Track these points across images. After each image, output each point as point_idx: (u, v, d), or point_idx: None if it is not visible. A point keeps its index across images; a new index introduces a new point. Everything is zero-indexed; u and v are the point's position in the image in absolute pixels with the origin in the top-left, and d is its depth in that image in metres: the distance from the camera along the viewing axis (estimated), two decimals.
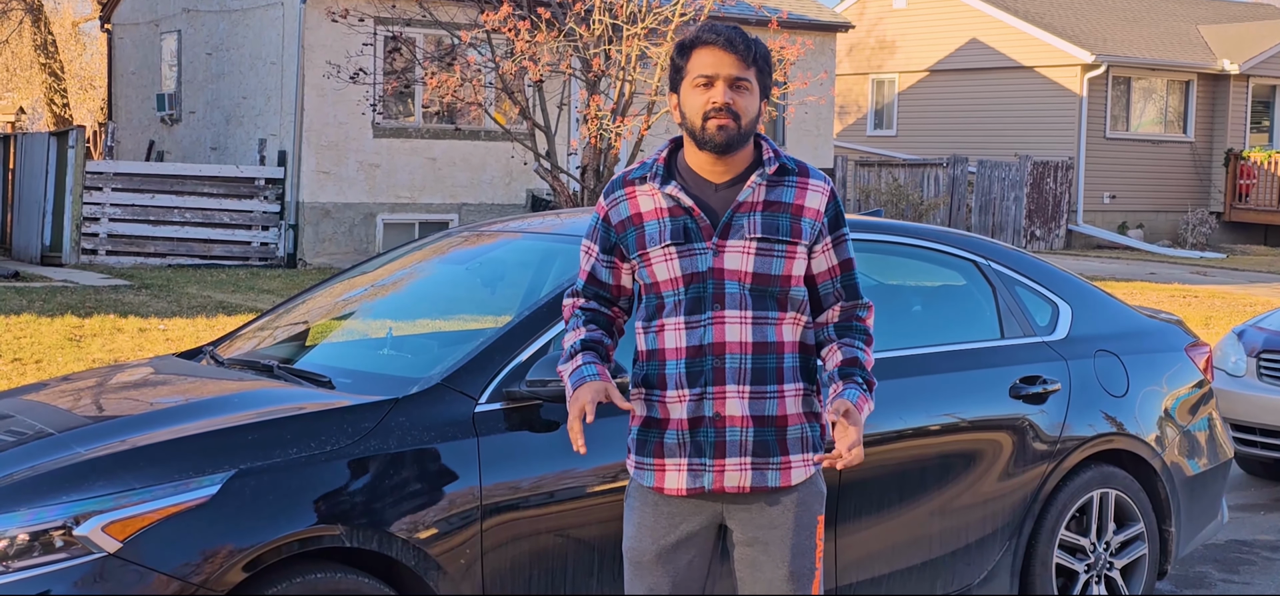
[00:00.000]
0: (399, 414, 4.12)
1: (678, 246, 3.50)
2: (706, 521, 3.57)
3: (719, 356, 3.48)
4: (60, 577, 3.64)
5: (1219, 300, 17.37)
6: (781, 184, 3.53)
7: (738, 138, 3.47)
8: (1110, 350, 5.62)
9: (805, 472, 3.55)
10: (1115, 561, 5.54)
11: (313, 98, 18.49)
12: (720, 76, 3.46)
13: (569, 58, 15.27)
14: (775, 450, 3.51)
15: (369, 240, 18.98)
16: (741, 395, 3.49)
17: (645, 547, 3.58)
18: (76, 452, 3.95)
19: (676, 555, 3.57)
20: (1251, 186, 27.79)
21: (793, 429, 3.53)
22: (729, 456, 3.50)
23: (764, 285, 3.48)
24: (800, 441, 3.54)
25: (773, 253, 3.48)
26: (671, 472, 3.54)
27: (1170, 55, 27.60)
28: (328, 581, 3.88)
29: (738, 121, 3.46)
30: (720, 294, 3.48)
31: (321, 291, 5.63)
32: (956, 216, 24.97)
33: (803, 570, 3.55)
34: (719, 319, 3.48)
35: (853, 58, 30.40)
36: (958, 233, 5.69)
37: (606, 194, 3.62)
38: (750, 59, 3.48)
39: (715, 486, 3.51)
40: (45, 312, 12.80)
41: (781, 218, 3.50)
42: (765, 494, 3.52)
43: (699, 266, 3.50)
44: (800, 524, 3.54)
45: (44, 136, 19.06)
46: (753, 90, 3.49)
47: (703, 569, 3.62)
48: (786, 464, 3.52)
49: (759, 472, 3.51)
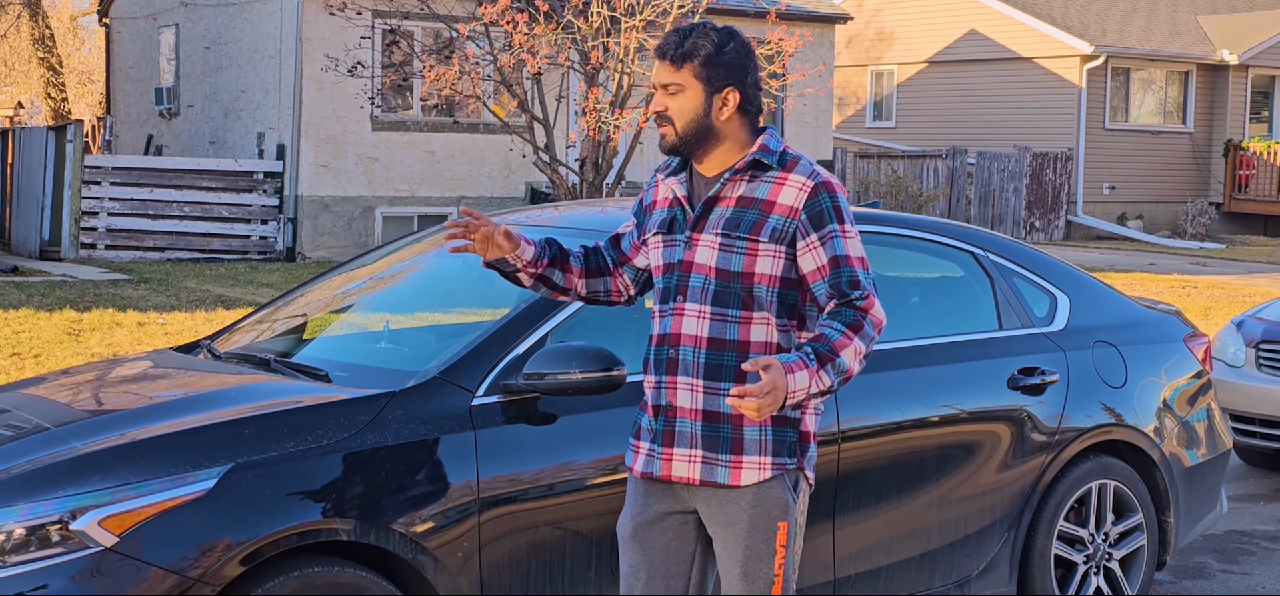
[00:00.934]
0: (396, 407, 4.11)
1: (664, 236, 3.62)
2: (677, 506, 3.61)
3: (675, 347, 3.55)
4: (57, 572, 3.63)
5: (1218, 291, 17.36)
6: (759, 179, 3.54)
7: (678, 141, 3.54)
8: (1109, 341, 5.61)
9: (759, 475, 3.51)
10: (1114, 552, 5.54)
11: (311, 91, 18.48)
12: (658, 84, 3.56)
13: (567, 50, 15.26)
14: (728, 447, 3.51)
15: (368, 233, 18.97)
16: (692, 389, 3.52)
17: (624, 523, 3.69)
18: (73, 447, 3.95)
19: (651, 534, 3.62)
20: (1251, 177, 27.78)
21: (751, 430, 3.50)
22: (677, 446, 3.56)
23: (726, 280, 3.49)
24: (758, 445, 3.51)
25: (733, 249, 3.49)
26: (639, 455, 3.65)
27: (1169, 46, 27.58)
28: (325, 575, 3.87)
29: (672, 125, 3.53)
30: (684, 286, 3.54)
31: (319, 285, 5.62)
32: (956, 208, 24.96)
33: (757, 574, 3.53)
34: (679, 310, 3.54)
35: (851, 49, 30.37)
36: (955, 224, 5.69)
37: (649, 180, 3.79)
38: (679, 60, 3.51)
39: (662, 474, 3.59)
40: (44, 307, 12.79)
41: (748, 213, 3.50)
42: (717, 489, 3.54)
43: (674, 257, 3.58)
44: (755, 526, 3.52)
45: (42, 131, 19.05)
46: (685, 90, 3.52)
47: (685, 556, 3.63)
48: (737, 463, 3.51)
49: (708, 467, 3.53)
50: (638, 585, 3.63)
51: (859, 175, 25.37)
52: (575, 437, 4.28)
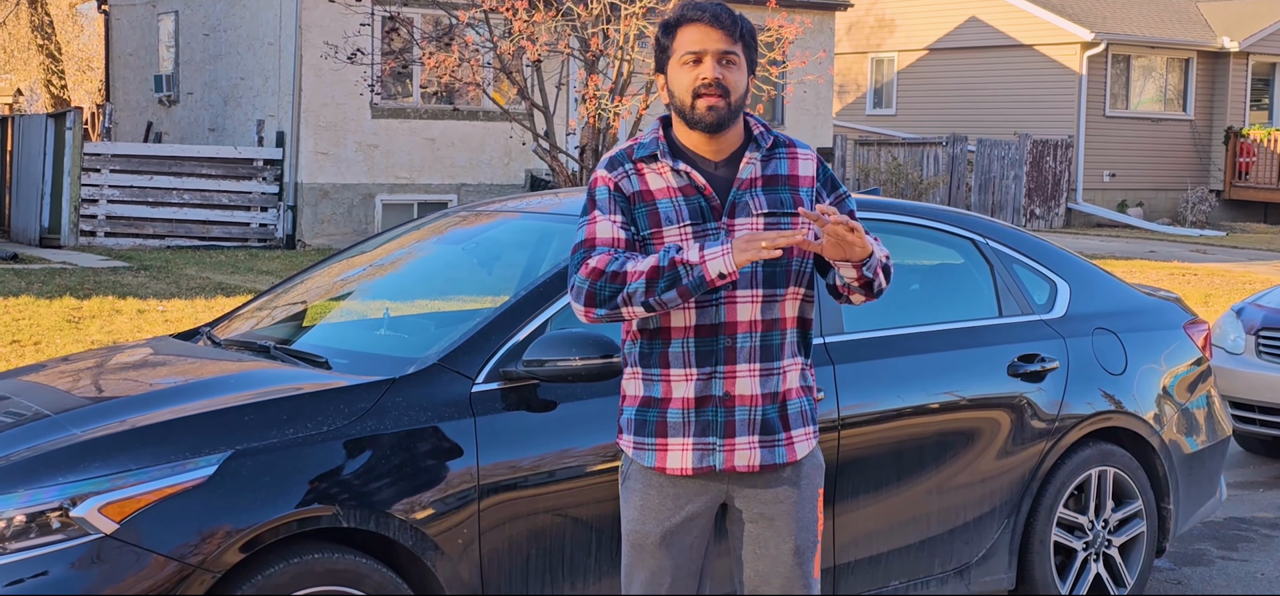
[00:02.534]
0: (396, 394, 4.11)
1: (695, 227, 3.43)
2: (710, 501, 3.55)
3: (731, 336, 3.45)
4: (57, 558, 3.64)
5: (1219, 278, 17.36)
6: (774, 157, 3.52)
7: (728, 115, 3.42)
8: (1108, 328, 5.61)
9: (808, 446, 3.56)
10: (1113, 539, 5.55)
11: (310, 78, 18.46)
12: (708, 52, 3.40)
13: (567, 37, 15.25)
14: (779, 426, 3.50)
15: (368, 221, 18.96)
16: (752, 373, 3.47)
17: (649, 530, 3.52)
18: (73, 434, 3.95)
19: (680, 537, 3.53)
20: (1251, 164, 27.76)
21: (793, 402, 3.53)
22: (738, 435, 3.48)
23: (774, 261, 3.44)
24: (800, 415, 3.54)
25: (780, 225, 3.44)
26: (675, 452, 3.49)
27: (1170, 33, 27.55)
28: (325, 562, 3.88)
29: (727, 98, 3.41)
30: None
31: (319, 272, 5.62)
32: (956, 195, 24.95)
33: (807, 543, 3.55)
34: (730, 299, 3.44)
35: (852, 36, 30.34)
36: (955, 211, 5.68)
37: (610, 167, 3.49)
38: (737, 33, 3.44)
39: (726, 465, 3.49)
40: (44, 294, 12.79)
41: (782, 190, 3.48)
42: (772, 470, 3.52)
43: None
44: (804, 498, 3.54)
45: (42, 118, 19.03)
46: (741, 65, 3.45)
47: (702, 550, 3.60)
48: (790, 439, 3.52)
49: (767, 450, 3.50)
50: (663, 586, 3.54)
51: (859, 162, 25.35)
52: (575, 424, 4.28)
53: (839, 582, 4.83)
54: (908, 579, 5.02)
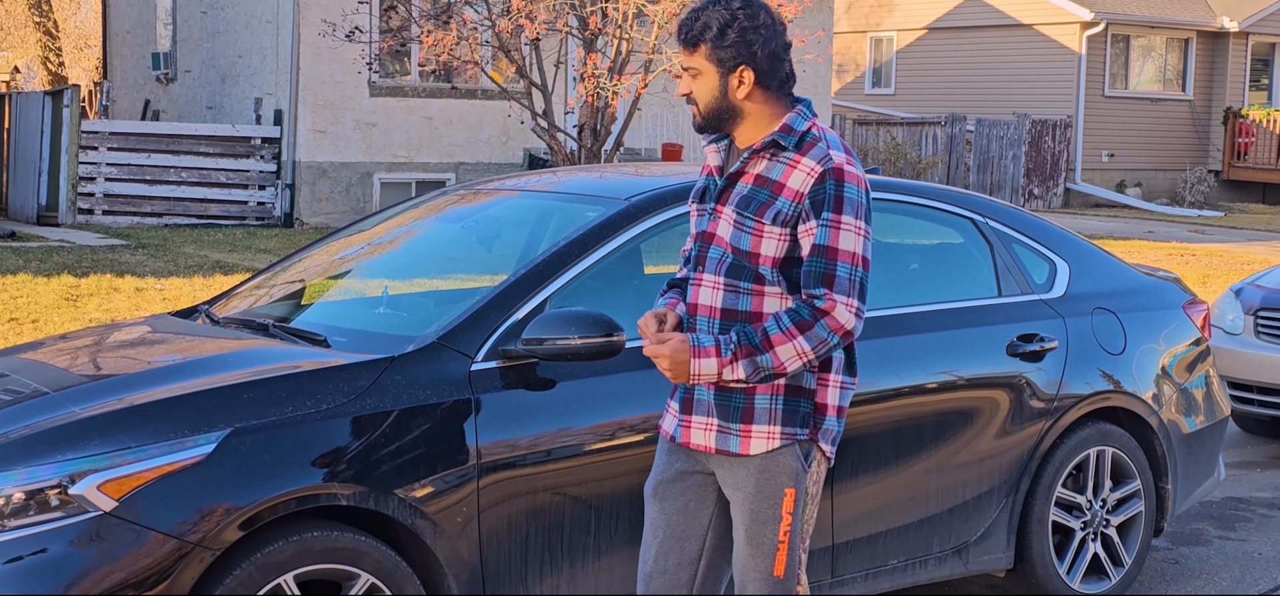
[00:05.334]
0: (395, 372, 4.11)
1: (697, 205, 3.68)
2: (696, 467, 3.67)
3: (693, 316, 3.60)
4: (56, 536, 3.64)
5: (1217, 258, 17.36)
6: (777, 160, 3.53)
7: (704, 122, 3.60)
8: (1108, 308, 5.61)
9: (767, 444, 3.54)
10: (1112, 518, 5.55)
11: (308, 56, 18.42)
12: (682, 67, 3.60)
13: (566, 16, 15.20)
14: (738, 416, 3.55)
15: (366, 199, 18.94)
16: None
17: (650, 481, 3.75)
18: (72, 411, 3.94)
19: (670, 492, 3.69)
20: (1250, 144, 27.74)
21: (761, 398, 3.54)
22: (696, 414, 3.62)
23: (740, 258, 3.53)
24: (769, 413, 3.54)
25: (743, 227, 3.51)
26: (668, 417, 3.73)
27: (1169, 12, 27.51)
28: (324, 540, 3.88)
29: (697, 108, 3.58)
30: (704, 257, 3.59)
31: (317, 250, 5.61)
32: (955, 175, 24.94)
33: (762, 540, 3.57)
34: (699, 280, 3.59)
35: (851, 15, 30.28)
36: (955, 190, 5.67)
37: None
38: (691, 44, 3.53)
39: (683, 440, 3.65)
40: (42, 272, 12.78)
41: (760, 194, 3.51)
42: (729, 457, 3.59)
43: (702, 227, 3.62)
44: (761, 491, 3.56)
45: (39, 96, 18.99)
46: (704, 73, 3.54)
47: (702, 518, 3.68)
48: (747, 432, 3.55)
49: (722, 435, 3.59)
50: (654, 542, 3.71)
51: (858, 142, 25.32)
52: (574, 403, 4.28)
53: (837, 561, 4.83)
54: (906, 557, 5.02)
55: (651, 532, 3.72)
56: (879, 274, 5.49)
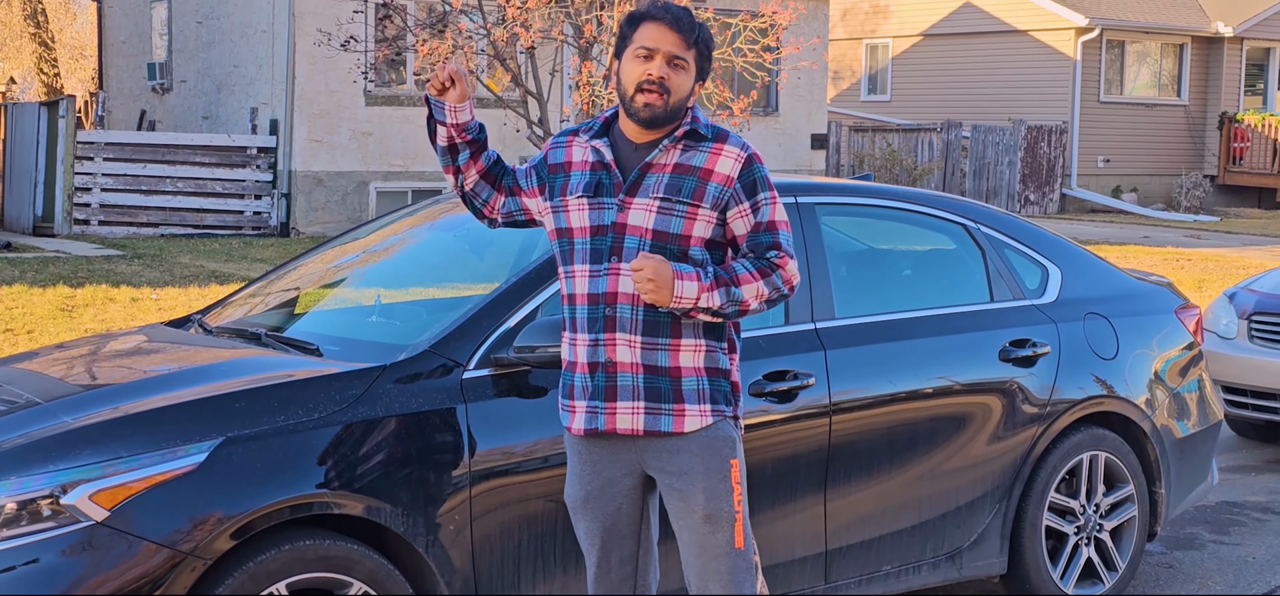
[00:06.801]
0: (386, 381, 4.12)
1: (589, 199, 3.68)
2: (625, 470, 3.72)
3: (612, 306, 3.64)
4: (48, 546, 3.64)
5: (1213, 263, 17.38)
6: (695, 149, 3.67)
7: (662, 115, 3.65)
8: (1100, 313, 5.62)
9: (702, 421, 3.66)
10: (1105, 523, 5.56)
11: (304, 66, 18.43)
12: (660, 51, 3.61)
13: (561, 24, 15.22)
14: (669, 397, 3.64)
15: (362, 208, 18.94)
16: (631, 344, 3.63)
17: (574, 492, 3.78)
18: (64, 422, 3.95)
19: (600, 501, 3.74)
20: (1245, 149, 27.77)
21: (688, 380, 3.65)
22: (620, 400, 3.66)
23: (663, 242, 3.61)
24: (697, 394, 3.66)
25: (672, 212, 3.62)
26: (578, 414, 3.71)
27: (1164, 18, 27.54)
28: (316, 548, 3.88)
29: (666, 97, 3.62)
30: (618, 247, 3.64)
31: (311, 259, 5.62)
32: (951, 181, 24.96)
33: (720, 513, 3.66)
34: (615, 270, 3.64)
35: (846, 22, 30.31)
36: (947, 196, 5.69)
37: (552, 140, 3.83)
38: (692, 40, 3.64)
39: (607, 427, 3.68)
40: (37, 283, 12.78)
41: (687, 180, 3.63)
42: (663, 438, 3.65)
43: (604, 219, 3.66)
44: (710, 467, 3.66)
45: (35, 106, 19.00)
46: (689, 70, 3.65)
47: (635, 516, 3.77)
48: (680, 411, 3.65)
49: (651, 417, 3.65)
50: (594, 549, 3.79)
51: (854, 148, 25.34)
52: None
53: (831, 568, 4.83)
54: (900, 563, 5.02)
55: (589, 542, 3.80)
56: (871, 280, 5.52)
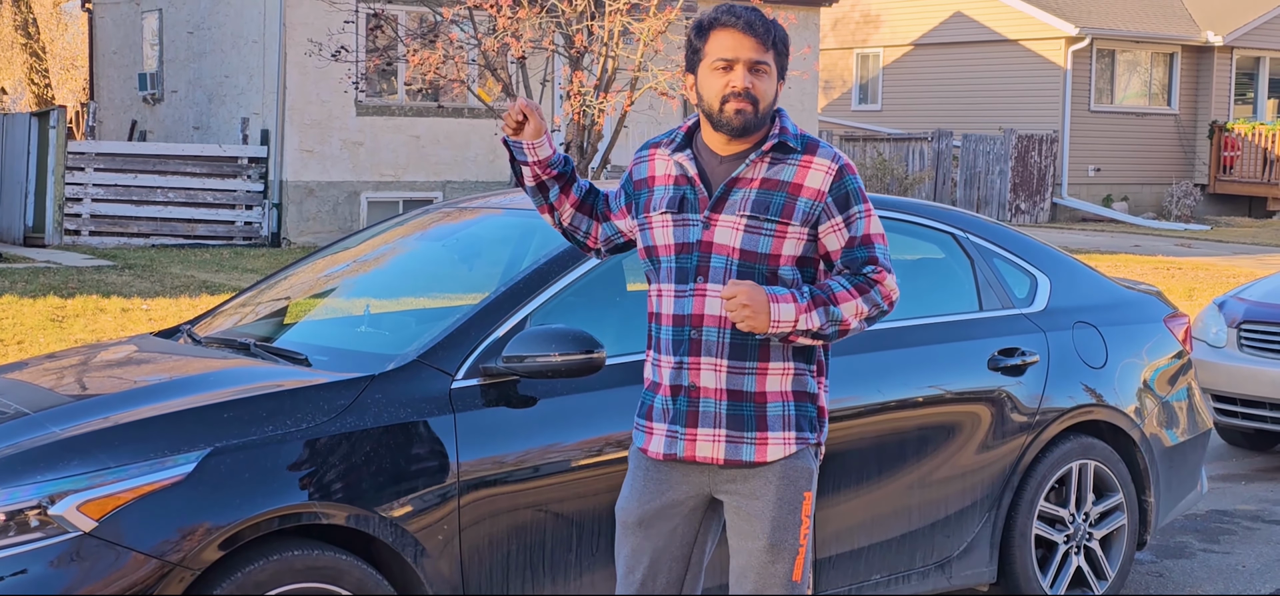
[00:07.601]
0: (375, 391, 4.11)
1: (673, 215, 3.52)
2: (693, 491, 3.58)
3: (697, 328, 3.49)
4: (36, 557, 3.63)
5: (1203, 272, 17.41)
6: (783, 161, 3.51)
7: (754, 122, 3.47)
8: (1089, 322, 5.63)
9: (784, 450, 3.52)
10: (1094, 532, 5.56)
11: (295, 76, 18.43)
12: (740, 60, 3.46)
13: (551, 34, 15.24)
14: (752, 425, 3.50)
15: (353, 218, 18.93)
16: (716, 368, 3.49)
17: (630, 509, 3.62)
18: (53, 432, 3.94)
19: (659, 521, 3.58)
20: (1236, 158, 27.84)
21: (773, 405, 3.51)
22: (701, 426, 3.51)
23: (751, 262, 3.47)
24: (782, 420, 3.52)
25: (761, 230, 3.46)
26: (656, 436, 3.57)
27: (1154, 27, 27.61)
28: (305, 558, 3.87)
29: (755, 105, 3.46)
30: (705, 266, 3.49)
31: (301, 269, 5.62)
32: (941, 190, 24.99)
33: (783, 544, 3.53)
34: (701, 291, 3.49)
35: (837, 32, 30.36)
36: (935, 205, 5.70)
37: (636, 154, 3.68)
38: (769, 42, 3.49)
39: (686, 455, 3.53)
40: (27, 293, 12.76)
41: (776, 196, 3.48)
42: (743, 467, 3.52)
43: (690, 237, 3.51)
44: (782, 498, 3.52)
45: (25, 116, 18.97)
46: (771, 73, 3.50)
47: (689, 539, 3.62)
48: (763, 439, 3.51)
49: (733, 446, 3.51)
50: (638, 570, 3.61)
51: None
52: (555, 420, 4.28)
53: (820, 577, 4.84)
54: (889, 573, 5.03)
55: (635, 558, 3.62)
56: None
